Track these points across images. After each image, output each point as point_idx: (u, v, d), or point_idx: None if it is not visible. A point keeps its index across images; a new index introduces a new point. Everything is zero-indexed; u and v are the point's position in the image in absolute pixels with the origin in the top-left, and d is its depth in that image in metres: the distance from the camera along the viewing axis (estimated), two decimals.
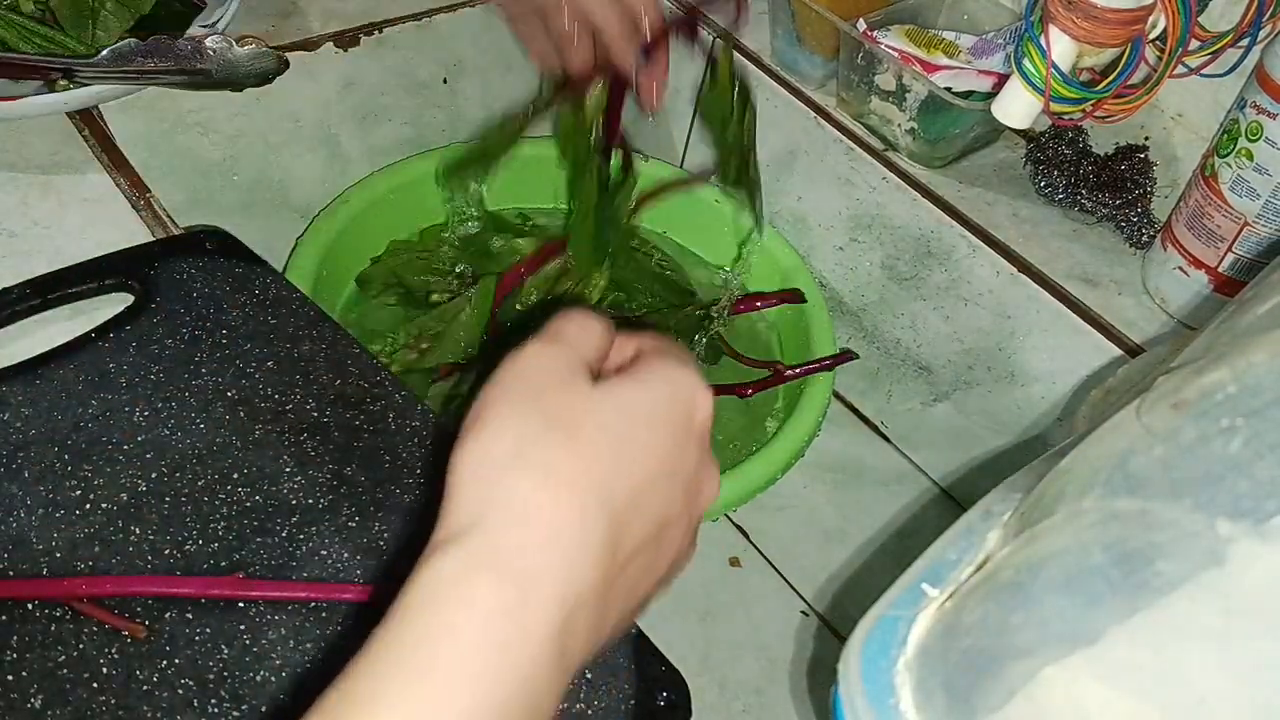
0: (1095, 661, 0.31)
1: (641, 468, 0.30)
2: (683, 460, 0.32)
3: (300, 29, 0.72)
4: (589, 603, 0.28)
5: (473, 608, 0.26)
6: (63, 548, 0.42)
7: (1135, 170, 0.70)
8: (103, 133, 0.62)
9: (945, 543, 0.39)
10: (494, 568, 0.27)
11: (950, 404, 0.74)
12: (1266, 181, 0.58)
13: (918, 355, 0.75)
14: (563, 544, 0.28)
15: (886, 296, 0.75)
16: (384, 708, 0.25)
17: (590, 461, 0.29)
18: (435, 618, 0.26)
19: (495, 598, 0.27)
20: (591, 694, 0.41)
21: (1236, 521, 0.29)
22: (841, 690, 0.35)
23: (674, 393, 0.33)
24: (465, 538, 0.28)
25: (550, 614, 0.27)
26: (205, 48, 0.59)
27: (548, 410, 0.30)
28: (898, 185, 0.72)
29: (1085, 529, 0.33)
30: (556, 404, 0.30)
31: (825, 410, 0.65)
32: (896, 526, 0.74)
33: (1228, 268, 0.61)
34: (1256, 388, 0.32)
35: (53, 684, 0.38)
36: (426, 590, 0.27)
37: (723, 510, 0.61)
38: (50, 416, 0.46)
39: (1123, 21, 0.55)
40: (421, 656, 0.26)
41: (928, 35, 0.72)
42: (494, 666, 0.26)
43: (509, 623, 0.27)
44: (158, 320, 0.51)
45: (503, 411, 0.30)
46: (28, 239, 0.55)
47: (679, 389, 0.33)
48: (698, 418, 0.33)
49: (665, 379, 0.33)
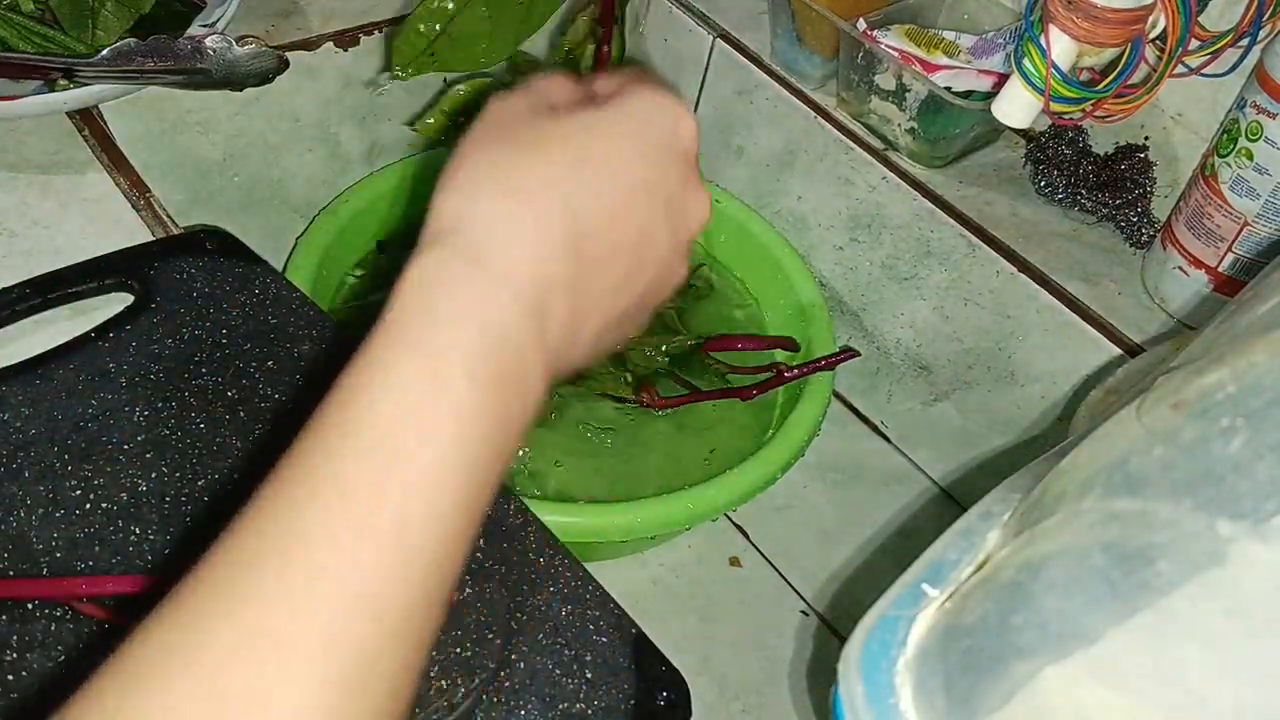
0: (1095, 662, 0.31)
1: (610, 180, 0.32)
2: (663, 178, 0.34)
3: (300, 29, 0.72)
4: (559, 287, 0.31)
5: (454, 291, 0.29)
6: (63, 548, 0.42)
7: (1135, 170, 0.70)
8: (103, 133, 0.62)
9: (945, 543, 0.39)
10: (465, 257, 0.30)
11: (950, 404, 0.74)
12: (1266, 181, 0.58)
13: (918, 355, 0.75)
14: (527, 239, 0.30)
15: (886, 296, 0.75)
16: (382, 371, 0.28)
17: (554, 171, 0.31)
18: (424, 306, 0.29)
19: (470, 281, 0.29)
20: (591, 694, 0.41)
21: (1236, 521, 0.29)
22: (841, 690, 0.35)
23: (650, 113, 0.34)
24: (438, 243, 0.30)
25: (521, 289, 0.30)
26: (205, 48, 0.59)
27: (518, 139, 0.32)
28: (898, 185, 0.72)
29: (1085, 529, 0.33)
30: (525, 133, 0.32)
31: (825, 410, 0.65)
32: (896, 526, 0.74)
33: (1228, 268, 0.61)
34: (1256, 388, 0.32)
35: (52, 684, 0.38)
36: (411, 290, 0.29)
37: (723, 510, 0.61)
38: (50, 416, 0.46)
39: (1123, 21, 0.55)
40: (413, 335, 0.28)
41: (928, 35, 0.72)
42: (478, 339, 0.29)
43: (486, 299, 0.29)
44: (158, 320, 0.51)
45: (476, 149, 0.32)
46: (28, 239, 0.55)
47: (656, 111, 0.34)
48: (681, 139, 0.35)
49: (641, 101, 0.34)
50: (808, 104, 0.75)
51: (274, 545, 0.26)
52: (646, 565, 0.69)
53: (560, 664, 0.42)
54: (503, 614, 0.43)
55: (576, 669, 0.42)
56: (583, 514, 0.57)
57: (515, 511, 0.47)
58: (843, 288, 0.78)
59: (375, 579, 0.26)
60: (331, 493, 0.27)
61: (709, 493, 0.59)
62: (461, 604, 0.43)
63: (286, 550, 0.26)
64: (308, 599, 0.25)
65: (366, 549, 0.26)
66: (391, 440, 0.27)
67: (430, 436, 0.28)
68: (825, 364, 0.67)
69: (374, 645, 0.26)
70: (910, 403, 0.77)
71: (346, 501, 0.27)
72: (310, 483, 0.27)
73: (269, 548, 0.26)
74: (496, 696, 0.41)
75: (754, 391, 0.68)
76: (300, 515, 0.26)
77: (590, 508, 0.58)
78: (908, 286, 0.74)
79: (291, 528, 0.26)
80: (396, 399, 0.28)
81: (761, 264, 0.75)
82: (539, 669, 0.42)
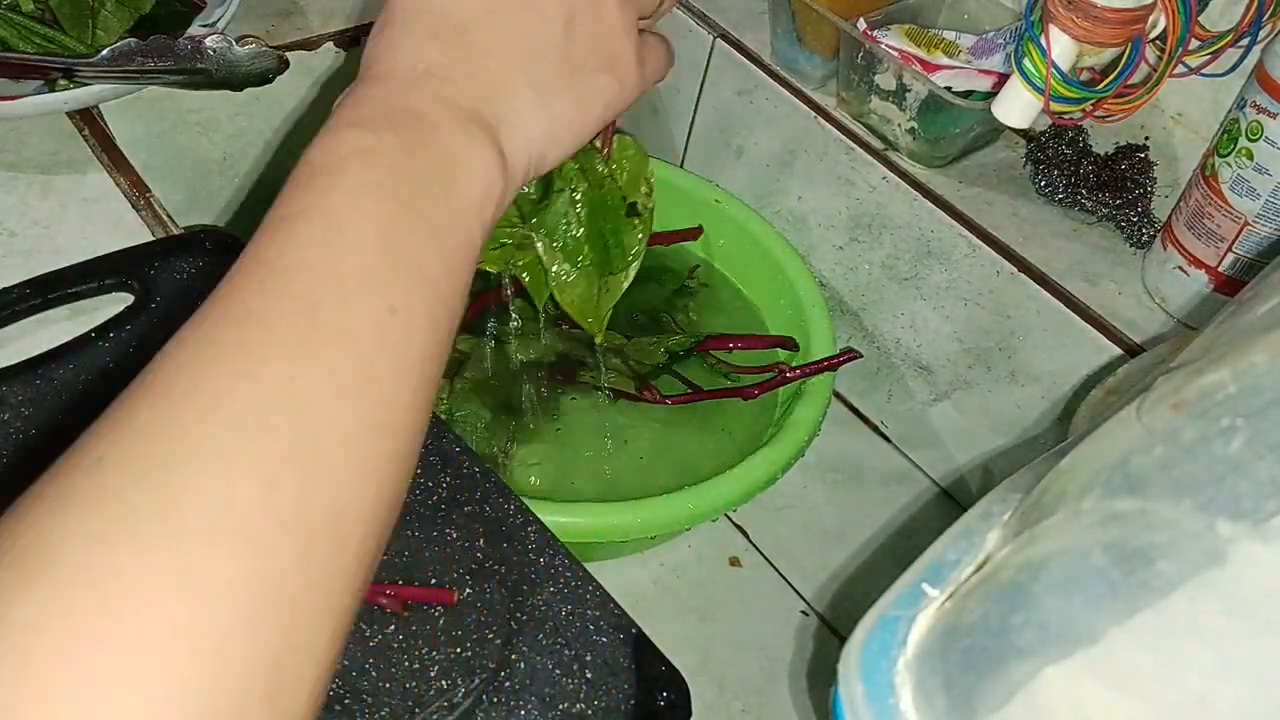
0: (1095, 662, 0.31)
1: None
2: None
3: (300, 29, 0.72)
4: (440, 62, 0.35)
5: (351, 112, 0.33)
6: None
7: (1135, 170, 0.70)
8: (103, 133, 0.62)
9: (945, 543, 0.39)
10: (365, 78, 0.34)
11: (950, 404, 0.74)
12: (1266, 181, 0.58)
13: (918, 355, 0.75)
14: (395, 40, 0.35)
15: (886, 296, 0.75)
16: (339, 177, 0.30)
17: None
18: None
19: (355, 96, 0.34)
20: (591, 694, 0.41)
21: (1236, 521, 0.29)
22: (841, 690, 0.35)
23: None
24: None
25: (394, 75, 0.34)
26: (205, 48, 0.59)
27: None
28: (898, 185, 0.72)
29: (1085, 529, 0.33)
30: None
31: (825, 410, 0.65)
32: (896, 526, 0.74)
33: (1228, 267, 0.61)
34: (1256, 388, 0.32)
35: None
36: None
37: (723, 510, 0.61)
38: (50, 416, 0.46)
39: (1123, 21, 0.55)
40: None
41: (928, 35, 0.72)
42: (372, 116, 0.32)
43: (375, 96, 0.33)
44: (158, 320, 0.51)
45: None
46: (28, 239, 0.55)
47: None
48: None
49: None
50: (808, 104, 0.75)
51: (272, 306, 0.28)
52: (646, 565, 0.69)
53: (560, 664, 0.42)
54: (503, 614, 0.43)
55: (576, 669, 0.42)
56: (583, 514, 0.57)
57: (515, 511, 0.47)
58: (843, 288, 0.78)
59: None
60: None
61: (709, 493, 0.59)
62: (461, 604, 0.43)
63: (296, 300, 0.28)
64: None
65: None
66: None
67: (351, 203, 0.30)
68: (828, 365, 0.67)
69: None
70: (910, 403, 0.77)
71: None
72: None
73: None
74: (496, 696, 0.41)
75: (756, 391, 0.68)
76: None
77: (590, 508, 0.58)
78: (908, 286, 0.74)
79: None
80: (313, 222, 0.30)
81: (761, 264, 0.75)
82: (539, 669, 0.42)
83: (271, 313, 0.27)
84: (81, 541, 0.23)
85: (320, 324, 0.27)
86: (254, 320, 0.27)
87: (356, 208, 0.30)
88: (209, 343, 0.27)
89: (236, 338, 0.27)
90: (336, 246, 0.29)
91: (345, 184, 0.30)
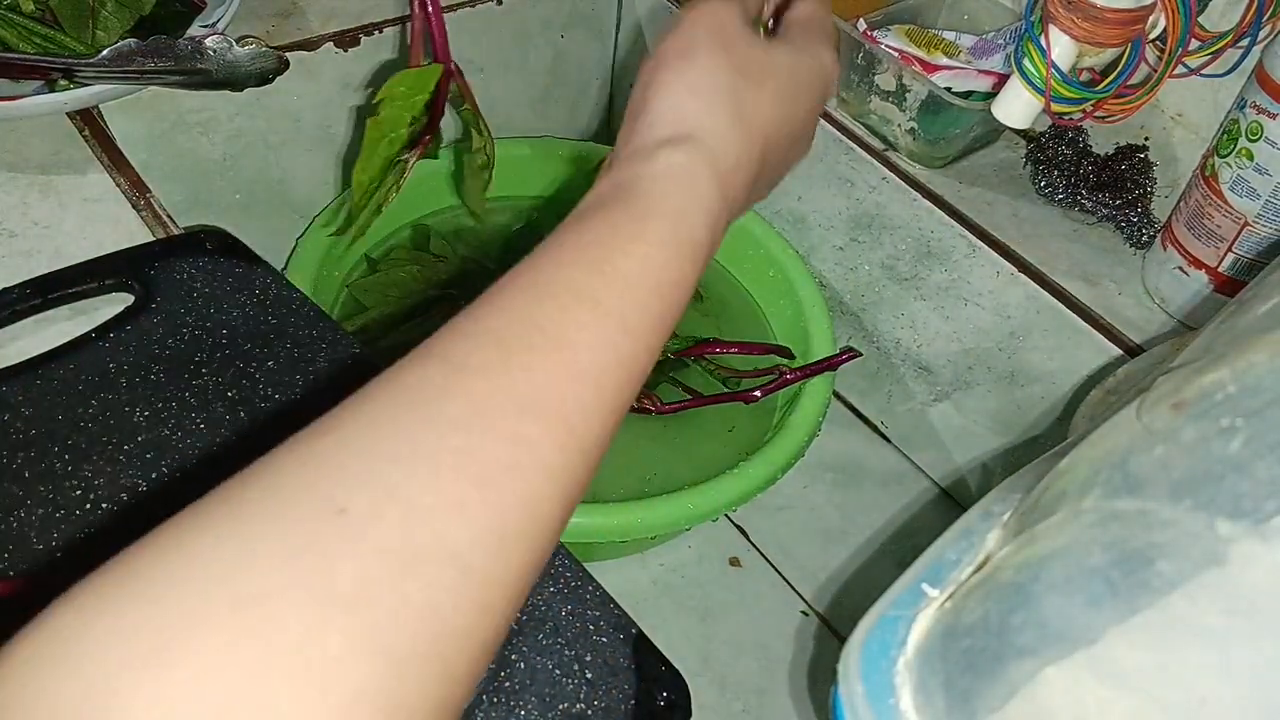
0: (1095, 661, 0.31)
1: (790, 125, 0.40)
2: (812, 123, 0.42)
3: (300, 29, 0.72)
4: (745, 193, 0.38)
5: (695, 191, 0.34)
6: (63, 548, 0.42)
7: (1135, 170, 0.70)
8: (103, 133, 0.62)
9: (945, 543, 0.39)
10: (711, 167, 0.35)
11: (950, 404, 0.74)
12: (1266, 181, 0.58)
13: (918, 355, 0.75)
14: (744, 171, 0.37)
15: (886, 296, 0.75)
16: (637, 232, 0.32)
17: (767, 111, 0.38)
18: (668, 192, 0.34)
19: (710, 188, 0.35)
20: (591, 694, 0.41)
21: (1236, 521, 0.29)
22: (841, 690, 0.35)
23: (824, 69, 0.41)
24: (689, 143, 0.35)
25: (734, 199, 0.37)
26: (205, 48, 0.59)
27: (736, 62, 0.37)
28: (898, 185, 0.72)
29: (1085, 529, 0.33)
30: (742, 57, 0.38)
31: (825, 410, 0.65)
32: (896, 526, 0.74)
33: (1228, 268, 0.61)
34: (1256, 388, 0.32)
35: None
36: (663, 174, 0.34)
37: (723, 510, 0.61)
38: (50, 416, 0.46)
39: (1123, 21, 0.55)
40: (661, 207, 0.33)
41: (928, 35, 0.72)
42: (702, 227, 0.34)
43: (714, 200, 0.35)
44: (158, 320, 0.51)
45: (700, 53, 0.37)
46: (28, 239, 0.55)
47: (827, 67, 0.42)
48: (829, 92, 0.43)
49: (820, 55, 0.42)
50: None
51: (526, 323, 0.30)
52: (646, 565, 0.69)
53: (560, 664, 0.42)
54: None
55: (576, 669, 0.42)
56: (583, 514, 0.57)
57: None
58: (843, 288, 0.78)
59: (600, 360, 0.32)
60: (566, 294, 0.30)
61: (709, 493, 0.59)
62: None
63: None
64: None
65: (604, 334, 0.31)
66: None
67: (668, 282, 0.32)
68: (827, 365, 0.67)
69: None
70: (910, 403, 0.77)
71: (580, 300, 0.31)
72: (544, 285, 0.31)
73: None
74: (496, 696, 0.41)
75: (757, 395, 0.68)
76: (540, 306, 0.30)
77: (590, 508, 0.58)
78: (908, 286, 0.74)
79: (531, 316, 0.30)
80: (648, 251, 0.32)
81: (761, 265, 0.75)
82: (539, 669, 0.42)
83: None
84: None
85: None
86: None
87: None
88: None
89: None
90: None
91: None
